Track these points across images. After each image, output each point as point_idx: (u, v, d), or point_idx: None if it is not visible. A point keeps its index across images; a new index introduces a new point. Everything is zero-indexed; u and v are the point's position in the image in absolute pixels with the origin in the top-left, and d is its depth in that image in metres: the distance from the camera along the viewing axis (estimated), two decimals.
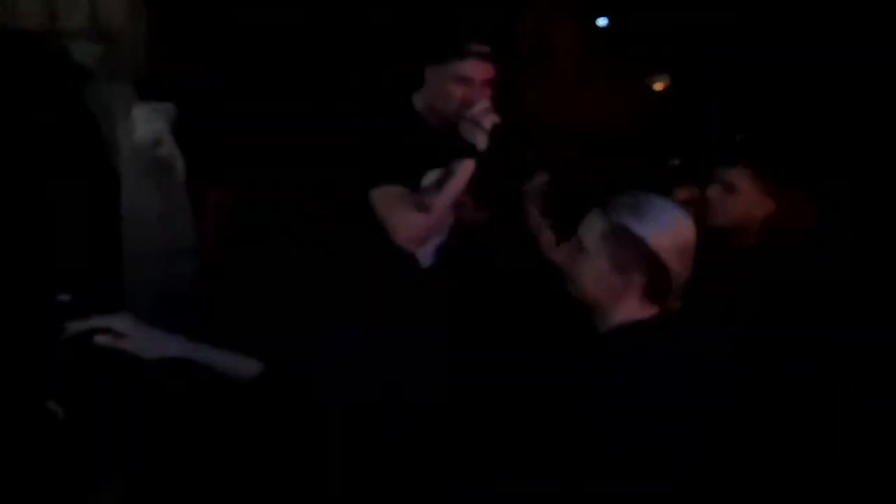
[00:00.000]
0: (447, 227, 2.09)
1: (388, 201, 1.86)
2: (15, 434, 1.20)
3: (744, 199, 2.17)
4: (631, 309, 1.29)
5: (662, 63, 4.24)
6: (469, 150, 1.86)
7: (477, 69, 1.90)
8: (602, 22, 4.14)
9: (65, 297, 2.78)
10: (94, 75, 2.95)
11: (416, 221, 1.85)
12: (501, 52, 2.01)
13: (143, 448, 1.08)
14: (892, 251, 2.18)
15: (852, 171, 3.31)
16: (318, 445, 1.15)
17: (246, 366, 1.16)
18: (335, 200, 2.04)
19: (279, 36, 3.37)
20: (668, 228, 1.28)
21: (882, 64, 3.92)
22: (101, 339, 1.11)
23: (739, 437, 1.39)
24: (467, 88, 1.90)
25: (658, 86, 4.19)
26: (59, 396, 1.07)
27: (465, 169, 1.86)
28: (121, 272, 3.07)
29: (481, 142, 1.85)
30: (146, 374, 1.10)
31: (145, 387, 1.10)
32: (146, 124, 3.02)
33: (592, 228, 1.31)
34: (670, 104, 4.46)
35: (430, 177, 1.97)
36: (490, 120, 1.87)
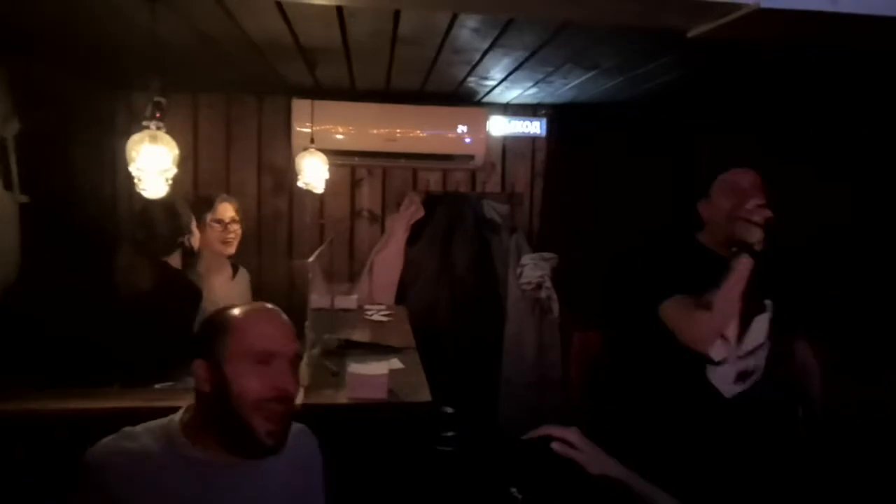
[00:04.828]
0: (761, 364, 2.04)
1: (676, 311, 1.91)
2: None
3: None
4: None
5: None
6: (745, 247, 1.85)
7: (740, 176, 1.97)
8: None
9: (448, 410, 3.30)
10: (500, 227, 3.61)
11: (701, 321, 1.86)
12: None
13: None
14: None
15: None
16: None
17: (665, 501, 1.21)
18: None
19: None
20: None
21: None
22: (557, 446, 1.20)
23: None
24: (740, 196, 1.93)
25: None
26: (519, 484, 1.28)
27: (743, 265, 1.84)
28: (497, 395, 3.54)
29: (755, 235, 1.85)
30: (591, 483, 1.25)
31: (590, 493, 1.26)
32: (533, 270, 3.55)
33: None
34: None
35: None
36: (761, 214, 1.87)
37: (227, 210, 2.86)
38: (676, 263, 2.02)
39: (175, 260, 2.49)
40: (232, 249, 2.87)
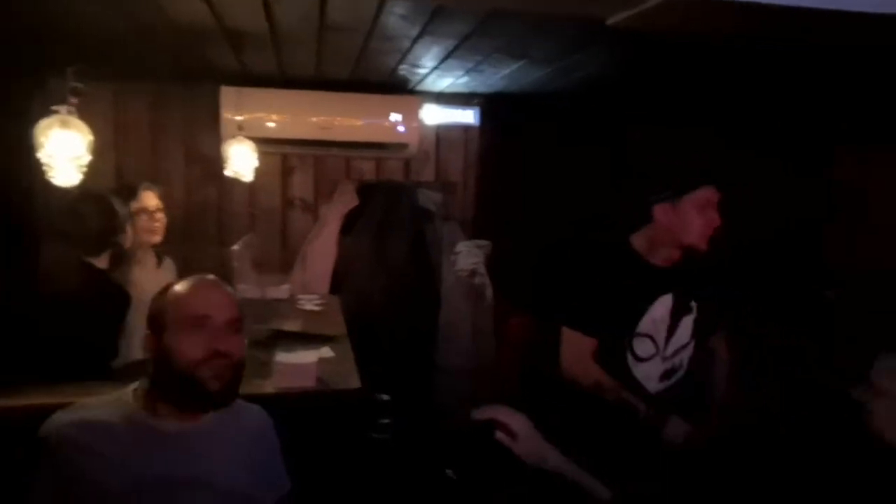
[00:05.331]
0: (685, 363, 2.13)
1: (573, 347, 2.01)
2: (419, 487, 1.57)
3: None
4: None
5: None
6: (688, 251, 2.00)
7: (712, 194, 2.01)
8: None
9: (384, 397, 3.31)
10: (434, 216, 3.62)
11: (580, 380, 1.99)
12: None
13: None
14: None
15: None
16: None
17: (600, 490, 1.28)
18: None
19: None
20: None
21: None
22: (500, 435, 1.25)
23: None
24: (707, 212, 1.99)
25: None
26: (454, 466, 1.31)
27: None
28: (433, 381, 3.57)
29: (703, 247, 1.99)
30: (528, 471, 1.27)
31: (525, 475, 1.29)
32: (466, 258, 3.58)
33: (883, 365, 1.23)
34: None
35: (653, 315, 2.02)
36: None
37: (151, 198, 2.81)
38: (604, 262, 2.07)
39: (102, 261, 2.39)
40: (158, 237, 2.83)
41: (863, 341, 3.02)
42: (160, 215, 2.83)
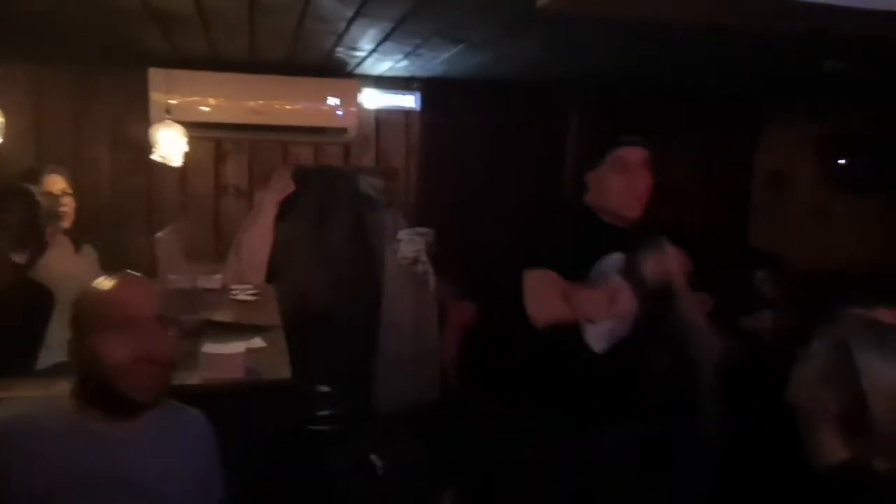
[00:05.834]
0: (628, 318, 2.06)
1: (535, 283, 1.98)
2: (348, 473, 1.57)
3: None
4: (826, 438, 1.14)
5: None
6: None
7: (631, 154, 2.01)
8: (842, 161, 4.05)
9: (324, 389, 3.25)
10: (375, 203, 3.56)
11: (550, 312, 1.96)
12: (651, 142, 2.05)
13: None
14: None
15: None
16: None
17: None
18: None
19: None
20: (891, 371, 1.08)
21: None
22: None
23: None
24: (627, 173, 2.00)
25: None
26: (379, 453, 1.31)
27: (624, 298, 1.91)
28: (375, 369, 3.52)
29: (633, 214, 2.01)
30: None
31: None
32: (409, 245, 3.53)
33: (823, 334, 1.20)
34: None
35: (605, 266, 2.01)
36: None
37: (56, 182, 2.70)
38: (557, 231, 2.10)
39: (22, 256, 2.26)
40: (66, 223, 2.71)
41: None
42: (67, 199, 2.72)
